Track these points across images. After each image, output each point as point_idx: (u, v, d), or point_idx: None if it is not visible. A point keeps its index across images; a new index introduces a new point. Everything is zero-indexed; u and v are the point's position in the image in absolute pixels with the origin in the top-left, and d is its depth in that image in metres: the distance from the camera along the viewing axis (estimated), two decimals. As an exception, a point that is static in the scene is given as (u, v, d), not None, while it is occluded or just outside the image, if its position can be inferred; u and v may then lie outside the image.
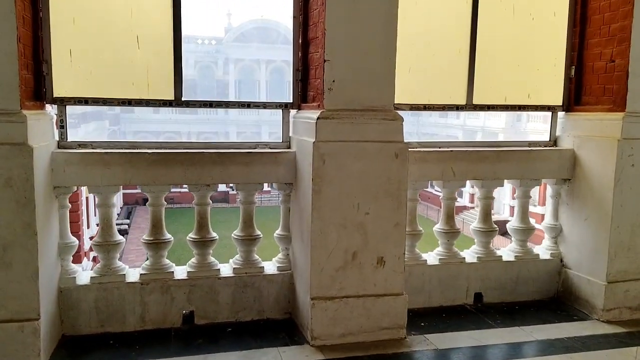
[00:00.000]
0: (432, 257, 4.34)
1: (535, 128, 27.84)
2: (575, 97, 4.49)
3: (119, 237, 3.76)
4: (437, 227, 4.36)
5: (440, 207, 4.51)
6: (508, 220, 4.91)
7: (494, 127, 30.73)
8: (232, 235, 3.94)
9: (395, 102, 3.89)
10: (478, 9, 4.24)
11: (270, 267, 4.01)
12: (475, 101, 4.35)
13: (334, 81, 3.48)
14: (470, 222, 4.32)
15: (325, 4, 3.45)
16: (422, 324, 3.94)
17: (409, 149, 3.81)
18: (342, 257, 3.57)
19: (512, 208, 28.50)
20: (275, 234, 4.05)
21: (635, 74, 3.92)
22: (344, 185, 3.51)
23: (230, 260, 3.99)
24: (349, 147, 3.50)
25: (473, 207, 29.81)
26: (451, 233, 4.32)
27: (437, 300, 4.26)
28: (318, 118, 3.45)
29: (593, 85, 4.32)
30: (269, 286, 3.91)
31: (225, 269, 3.92)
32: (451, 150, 4.20)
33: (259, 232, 3.96)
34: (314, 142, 3.44)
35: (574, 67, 4.46)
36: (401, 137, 3.60)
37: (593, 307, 4.14)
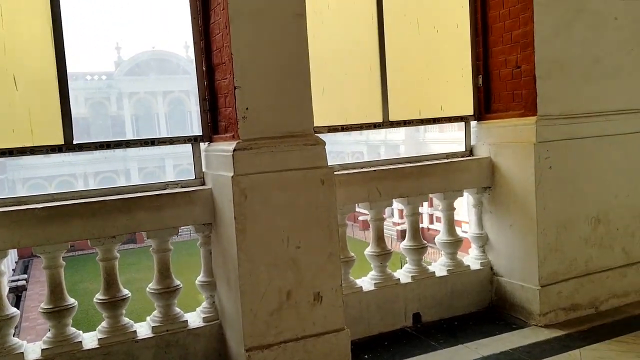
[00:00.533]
0: (366, 282, 4.13)
1: (433, 138, 29.21)
2: (485, 106, 4.52)
3: (12, 310, 3.18)
4: (369, 250, 4.17)
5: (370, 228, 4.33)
6: (427, 229, 4.83)
7: (395, 140, 31.81)
8: (148, 289, 3.49)
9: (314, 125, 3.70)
10: (383, 25, 4.16)
11: (194, 319, 3.60)
12: (392, 117, 4.25)
13: (247, 109, 3.20)
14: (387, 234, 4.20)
15: (228, 27, 3.17)
16: (366, 356, 3.70)
17: (333, 173, 3.63)
18: (276, 299, 3.26)
19: (430, 216, 29.47)
20: (197, 281, 3.65)
21: (543, 78, 3.99)
22: (271, 220, 3.22)
23: (148, 318, 3.53)
24: (272, 178, 3.22)
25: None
26: (383, 255, 4.14)
27: (377, 328, 4.04)
28: (234, 150, 3.15)
29: (502, 92, 4.37)
30: (196, 342, 3.49)
31: (143, 329, 3.45)
32: (375, 170, 4.05)
33: (178, 282, 3.54)
34: (232, 177, 3.12)
35: (480, 76, 4.50)
36: (325, 162, 3.38)
37: (530, 313, 4.11)
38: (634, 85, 4.34)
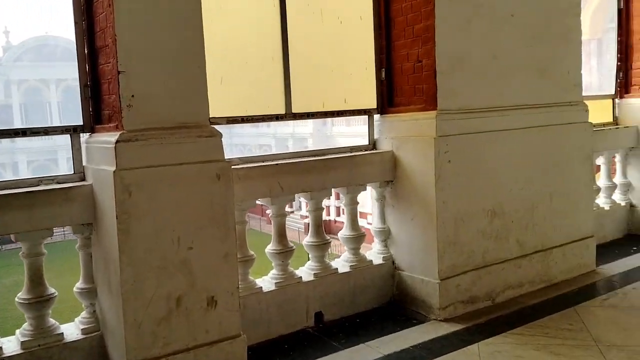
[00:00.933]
0: (267, 282, 3.94)
1: (340, 131, 29.56)
2: (388, 99, 4.48)
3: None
4: (270, 248, 3.98)
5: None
6: (334, 221, 4.74)
7: (303, 133, 31.82)
8: (17, 299, 3.07)
9: (210, 116, 3.45)
10: (286, 13, 3.98)
11: (72, 331, 3.22)
12: (295, 109, 4.08)
13: (133, 96, 2.89)
14: (292, 227, 4.09)
15: (112, 6, 2.84)
16: (265, 362, 3.53)
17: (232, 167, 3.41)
18: (164, 306, 2.98)
19: (337, 209, 29.60)
20: (75, 288, 3.27)
21: (443, 73, 3.99)
22: (159, 219, 2.93)
23: (17, 332, 3.11)
24: (161, 172, 2.93)
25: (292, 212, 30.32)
26: (285, 253, 3.97)
27: (277, 330, 3.87)
28: (117, 141, 2.83)
29: (404, 86, 4.34)
30: (73, 356, 3.12)
31: (11, 345, 3.04)
32: (277, 164, 3.85)
33: (52, 290, 3.14)
34: (114, 172, 2.80)
35: (383, 69, 4.45)
36: (222, 155, 3.14)
37: (430, 307, 4.12)
38: (528, 82, 4.48)
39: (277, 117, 4.02)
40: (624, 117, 6.16)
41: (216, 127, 3.45)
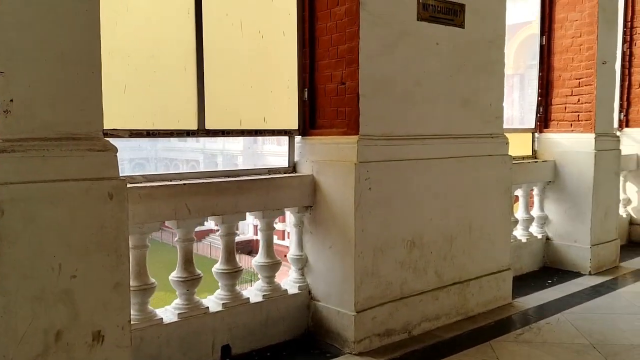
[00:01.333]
0: (169, 312, 3.60)
1: (271, 150, 29.26)
2: (310, 121, 4.30)
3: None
4: (174, 275, 3.65)
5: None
6: (252, 240, 4.48)
7: (233, 150, 31.19)
8: None
9: (109, 128, 3.12)
10: (202, 21, 3.72)
11: None
12: (208, 125, 3.81)
13: (12, 100, 2.51)
14: (217, 245, 3.83)
15: (-7, -2, 2.47)
16: (160, 402, 3.18)
17: (133, 185, 3.08)
18: (40, 341, 2.58)
19: (255, 227, 29.15)
20: None
21: (366, 97, 3.86)
22: (37, 243, 2.55)
23: None
24: (41, 189, 2.56)
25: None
26: (191, 281, 3.66)
27: (178, 365, 3.53)
28: (-12, 152, 2.44)
29: (327, 108, 4.18)
30: None
31: None
32: (185, 184, 3.55)
33: None
34: (-18, 186, 2.41)
35: (306, 89, 4.27)
36: (116, 172, 2.80)
37: (345, 340, 3.92)
38: (451, 112, 4.44)
39: (188, 133, 3.72)
40: (543, 151, 6.30)
41: (119, 140, 3.15)
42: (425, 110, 4.24)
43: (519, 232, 6.12)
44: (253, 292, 4.10)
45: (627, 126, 7.51)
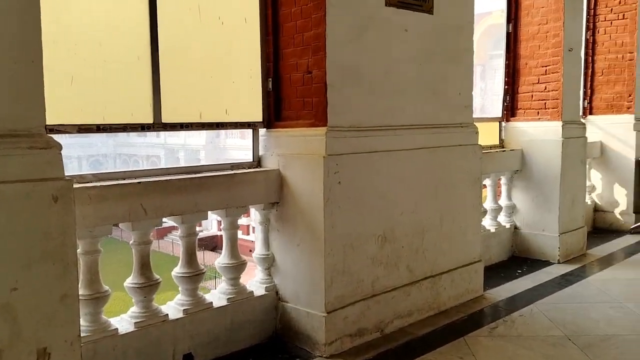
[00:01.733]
0: (125, 321, 3.34)
1: (235, 144, 28.77)
2: (275, 112, 4.07)
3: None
4: (129, 282, 3.38)
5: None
6: (216, 235, 4.24)
7: (195, 144, 30.55)
8: None
9: (55, 123, 2.83)
10: (156, 7, 3.44)
11: None
12: (165, 119, 3.54)
13: (-63, 93, 2.22)
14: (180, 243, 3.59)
15: None
16: (118, 420, 2.92)
17: (81, 185, 2.81)
18: (-24, 363, 2.31)
19: (220, 222, 28.46)
20: None
21: (334, 86, 3.65)
22: (-31, 253, 2.26)
23: None
24: (-27, 193, 2.27)
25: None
26: (148, 287, 3.39)
27: (137, 378, 3.28)
28: None
29: (292, 99, 3.95)
30: None
31: None
32: (139, 182, 3.28)
33: None
34: None
35: (270, 79, 4.04)
36: (61, 172, 2.51)
37: (315, 343, 3.73)
38: (421, 101, 4.28)
39: (143, 127, 3.45)
40: (510, 140, 6.25)
41: (71, 136, 2.86)
42: (395, 100, 4.07)
43: (487, 222, 6.06)
44: (216, 295, 3.86)
45: (590, 114, 7.57)
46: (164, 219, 3.52)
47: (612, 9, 7.21)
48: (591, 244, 6.65)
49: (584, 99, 7.40)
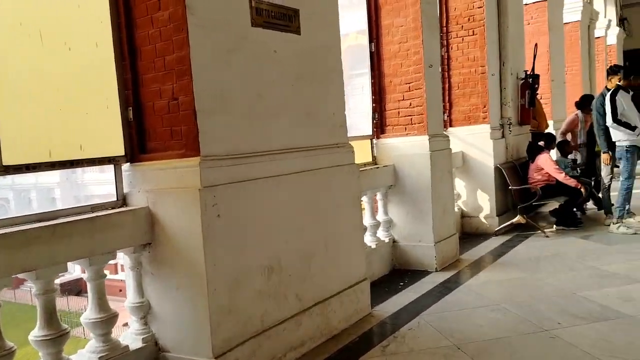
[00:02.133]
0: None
1: (94, 179, 26.73)
2: (139, 144, 3.69)
3: None
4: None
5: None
6: (81, 278, 3.72)
7: (48, 182, 27.87)
8: None
9: None
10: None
11: None
12: (7, 161, 3.03)
13: None
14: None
15: None
16: None
17: None
18: None
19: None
20: None
21: (204, 112, 3.39)
22: None
23: None
24: None
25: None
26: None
27: None
28: None
29: (158, 129, 3.61)
30: None
31: None
32: (-23, 238, 2.74)
33: None
34: None
35: (131, 108, 3.66)
36: None
37: (205, 395, 3.39)
38: (296, 122, 4.16)
39: (-22, 173, 2.91)
40: (382, 157, 6.38)
41: None
42: (270, 124, 3.90)
43: (368, 239, 6.10)
44: (85, 356, 3.37)
45: (450, 126, 8.03)
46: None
47: (462, 26, 7.76)
48: (462, 248, 6.99)
49: (444, 112, 7.84)
